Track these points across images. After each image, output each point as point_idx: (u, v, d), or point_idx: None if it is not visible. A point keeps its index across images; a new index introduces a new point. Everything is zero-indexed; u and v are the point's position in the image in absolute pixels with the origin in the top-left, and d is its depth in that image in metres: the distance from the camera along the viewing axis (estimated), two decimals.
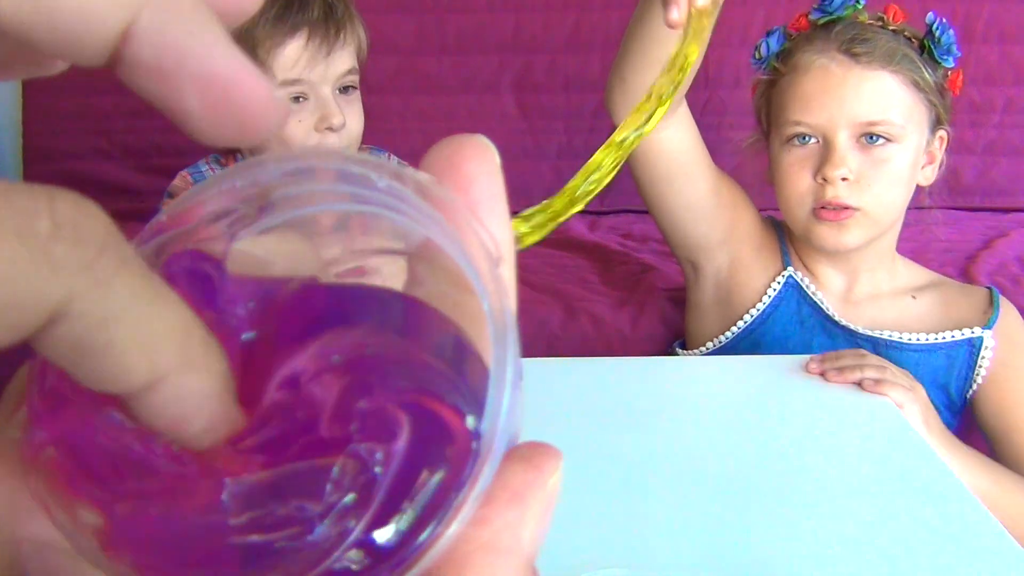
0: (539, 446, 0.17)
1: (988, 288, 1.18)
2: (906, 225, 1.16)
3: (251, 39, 1.04)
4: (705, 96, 1.82)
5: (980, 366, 1.11)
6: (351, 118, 1.12)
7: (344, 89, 1.12)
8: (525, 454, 0.16)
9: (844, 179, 1.05)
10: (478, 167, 0.18)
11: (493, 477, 0.16)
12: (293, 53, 1.07)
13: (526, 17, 1.84)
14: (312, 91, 1.09)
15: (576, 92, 1.85)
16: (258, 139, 0.16)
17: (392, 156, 1.26)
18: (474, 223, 0.17)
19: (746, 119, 1.76)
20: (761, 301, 1.17)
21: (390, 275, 0.18)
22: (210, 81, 0.16)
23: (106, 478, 0.16)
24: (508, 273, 0.18)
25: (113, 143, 1.83)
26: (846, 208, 1.06)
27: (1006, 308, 1.14)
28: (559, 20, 1.84)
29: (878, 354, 1.07)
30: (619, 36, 1.26)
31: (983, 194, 1.85)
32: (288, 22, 1.06)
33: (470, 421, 0.16)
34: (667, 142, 1.08)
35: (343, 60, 1.11)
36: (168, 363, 0.15)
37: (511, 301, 0.17)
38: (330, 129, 1.09)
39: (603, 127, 1.86)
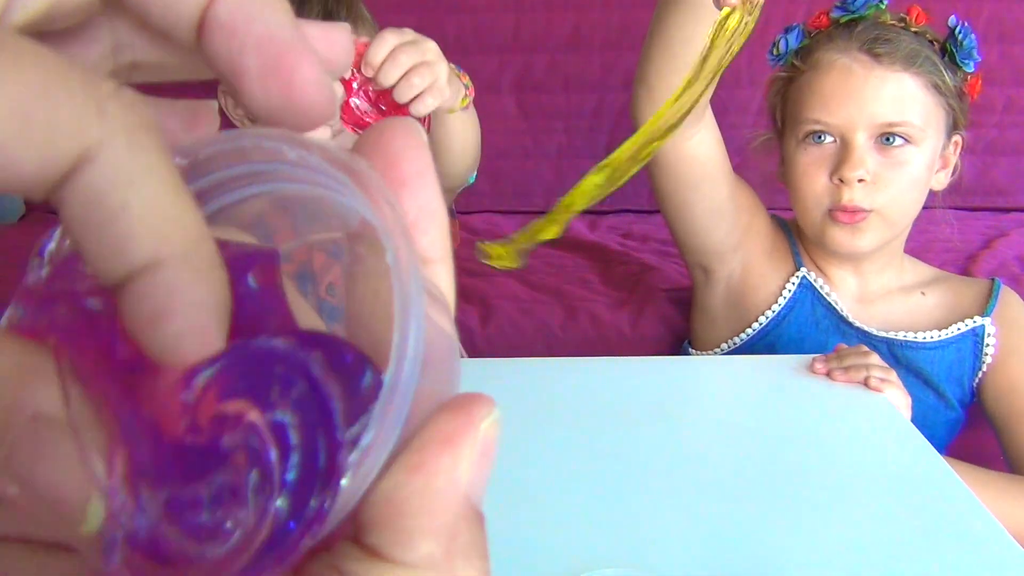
0: (469, 395, 0.17)
1: (991, 279, 1.18)
2: None
3: None
4: None
5: (986, 354, 1.11)
6: None
7: None
8: (455, 403, 0.17)
9: (861, 180, 1.05)
10: (403, 143, 0.18)
11: (402, 423, 0.16)
12: None
13: (526, 17, 1.84)
14: None
15: (576, 92, 1.85)
16: (303, 121, 0.18)
17: None
18: (376, 178, 0.17)
19: (746, 118, 1.76)
20: (776, 303, 1.16)
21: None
22: (268, 44, 0.17)
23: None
24: (441, 243, 0.18)
25: None
26: (861, 210, 1.06)
27: (1006, 295, 1.14)
28: (559, 20, 1.84)
29: (893, 355, 1.06)
30: (619, 36, 1.26)
31: (983, 194, 1.85)
32: None
33: (368, 378, 0.16)
34: (695, 147, 1.07)
35: None
36: (172, 250, 0.15)
37: (416, 254, 0.17)
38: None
39: (603, 127, 1.86)
